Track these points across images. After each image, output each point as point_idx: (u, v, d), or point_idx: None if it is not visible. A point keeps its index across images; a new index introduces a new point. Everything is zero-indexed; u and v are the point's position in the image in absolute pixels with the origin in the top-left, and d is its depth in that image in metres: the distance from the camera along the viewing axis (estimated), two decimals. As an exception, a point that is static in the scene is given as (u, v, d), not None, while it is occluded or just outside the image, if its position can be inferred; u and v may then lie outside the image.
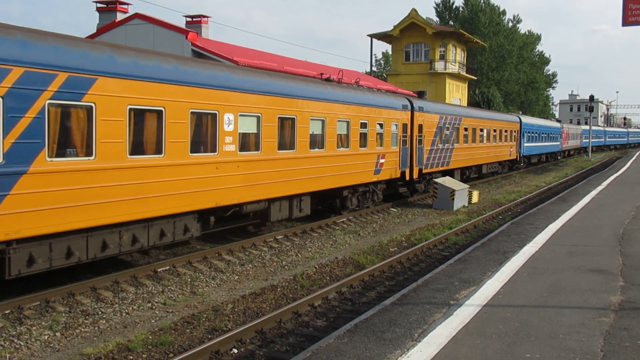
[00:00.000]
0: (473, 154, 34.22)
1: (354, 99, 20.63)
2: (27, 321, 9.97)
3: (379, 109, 22.20)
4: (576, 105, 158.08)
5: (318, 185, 18.34)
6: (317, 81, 20.12)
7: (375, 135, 21.73)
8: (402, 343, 7.61)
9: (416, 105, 25.76)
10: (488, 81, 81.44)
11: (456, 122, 30.89)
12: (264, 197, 15.83)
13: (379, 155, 22.11)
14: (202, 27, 34.07)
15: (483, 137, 36.06)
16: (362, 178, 21.13)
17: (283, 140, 16.57)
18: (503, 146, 40.90)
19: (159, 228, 12.91)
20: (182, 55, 17.00)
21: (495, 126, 38.79)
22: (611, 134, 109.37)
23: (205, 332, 9.97)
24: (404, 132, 24.42)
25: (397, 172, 23.93)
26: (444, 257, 15.74)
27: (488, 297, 9.62)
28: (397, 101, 24.36)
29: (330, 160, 18.89)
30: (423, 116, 26.30)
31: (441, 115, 28.80)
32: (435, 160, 27.96)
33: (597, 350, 7.30)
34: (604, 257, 12.66)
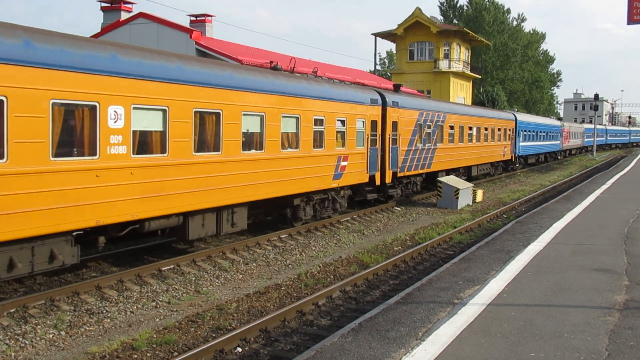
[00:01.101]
0: (460, 154, 31.32)
1: (306, 91, 17.46)
2: (32, 320, 10.00)
3: (340, 104, 19.22)
4: (581, 104, 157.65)
5: (256, 193, 15.30)
6: (255, 69, 16.58)
7: (334, 134, 18.83)
8: (406, 342, 7.61)
9: (389, 100, 22.75)
10: (492, 80, 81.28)
11: (440, 119, 28.01)
12: (176, 210, 12.87)
13: (340, 158, 19.16)
14: (206, 26, 34.14)
15: (472, 136, 33.11)
16: (318, 184, 18.06)
17: (203, 140, 13.54)
18: (495, 146, 37.94)
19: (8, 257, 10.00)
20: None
21: (486, 124, 35.89)
22: (612, 132, 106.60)
23: (210, 330, 9.98)
24: (374, 130, 21.51)
25: (365, 176, 21.04)
26: (448, 256, 15.72)
27: (492, 296, 9.61)
28: (364, 94, 21.24)
29: (271, 164, 15.81)
30: (398, 112, 23.33)
31: (421, 112, 25.71)
32: (413, 162, 25.02)
33: (602, 350, 7.29)
34: (609, 256, 12.63)
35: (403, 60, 59.48)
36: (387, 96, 22.89)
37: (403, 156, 23.89)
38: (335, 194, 19.97)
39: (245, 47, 34.80)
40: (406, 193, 26.24)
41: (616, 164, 53.03)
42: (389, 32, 58.92)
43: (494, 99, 66.63)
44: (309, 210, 18.58)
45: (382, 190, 23.23)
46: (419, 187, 27.21)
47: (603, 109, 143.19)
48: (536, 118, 54.04)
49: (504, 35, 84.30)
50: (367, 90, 22.27)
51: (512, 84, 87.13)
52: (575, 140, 71.52)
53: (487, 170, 37.73)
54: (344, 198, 20.65)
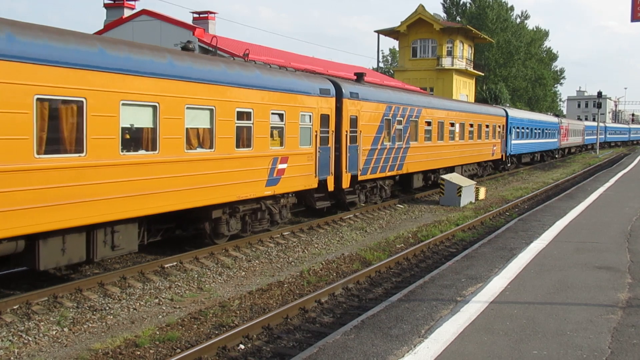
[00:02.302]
0: (440, 154, 28.15)
1: (225, 77, 14.20)
2: (35, 316, 10.02)
3: (277, 94, 16.06)
4: (584, 101, 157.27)
5: (148, 206, 12.14)
6: (143, 46, 12.70)
7: (267, 131, 15.68)
8: (408, 339, 7.61)
9: (346, 91, 19.65)
10: (495, 77, 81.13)
11: (413, 114, 24.93)
12: (14, 233, 9.83)
13: (276, 159, 16.06)
14: (209, 24, 34.11)
15: (454, 133, 30.08)
16: (244, 192, 14.89)
17: (55, 139, 10.38)
18: (483, 144, 34.86)
19: None
20: None
21: (471, 120, 32.74)
22: (612, 130, 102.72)
23: (212, 327, 10.00)
24: (325, 127, 18.51)
25: (313, 180, 17.89)
26: (450, 253, 15.72)
27: (495, 293, 9.61)
28: (312, 83, 17.99)
29: (170, 169, 12.60)
30: (358, 105, 20.35)
31: (389, 105, 22.69)
32: (379, 163, 22.00)
33: (604, 348, 7.28)
34: (612, 254, 12.61)
35: (406, 57, 59.36)
36: (344, 86, 19.73)
37: (365, 157, 20.86)
38: (273, 203, 16.76)
39: (248, 44, 34.78)
40: (373, 200, 22.98)
41: (619, 161, 52.93)
42: (392, 30, 58.80)
43: (497, 97, 66.51)
44: (235, 224, 15.37)
45: (338, 196, 20.23)
46: (388, 192, 24.01)
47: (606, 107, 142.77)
48: (530, 114, 51.21)
49: (507, 32, 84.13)
50: (315, 79, 18.76)
51: (515, 81, 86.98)
52: (574, 138, 68.96)
53: (473, 171, 34.62)
54: (285, 207, 17.40)
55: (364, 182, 21.59)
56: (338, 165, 19.40)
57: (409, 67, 58.40)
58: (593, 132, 77.73)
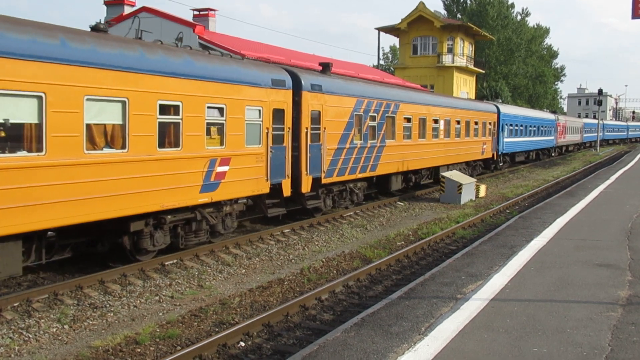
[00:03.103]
0: (421, 153, 25.90)
1: (141, 63, 11.95)
2: (35, 314, 10.03)
3: (214, 84, 13.86)
4: (584, 98, 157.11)
5: (34, 219, 10.06)
6: (29, 23, 10.34)
7: (202, 128, 13.55)
8: (409, 337, 7.61)
9: (306, 82, 17.41)
10: (496, 75, 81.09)
11: (389, 109, 22.67)
12: None
13: (215, 161, 13.89)
14: (209, 21, 34.10)
15: (438, 131, 27.83)
16: (171, 199, 12.75)
17: None
18: (472, 142, 32.69)
19: None
20: None
21: (458, 116, 30.45)
22: (609, 127, 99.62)
23: (213, 325, 10.00)
24: (279, 123, 16.28)
25: (263, 185, 15.69)
26: (451, 251, 15.72)
27: (495, 291, 9.61)
28: (261, 73, 15.69)
29: (65, 173, 10.49)
30: (322, 99, 18.19)
31: (360, 99, 20.56)
32: (348, 163, 19.85)
33: (605, 345, 7.28)
34: (612, 251, 12.61)
35: (406, 54, 59.33)
36: (303, 77, 17.44)
37: (331, 157, 18.73)
38: (214, 212, 14.57)
39: (249, 42, 34.76)
40: (343, 204, 20.78)
41: (620, 159, 52.93)
42: (393, 27, 58.75)
43: (498, 94, 66.46)
44: (162, 237, 13.23)
45: (298, 201, 18.16)
46: (361, 195, 21.85)
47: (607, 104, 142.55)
48: (524, 110, 48.94)
49: (507, 29, 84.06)
50: (266, 68, 16.46)
51: (516, 78, 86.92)
52: (572, 135, 66.92)
53: (461, 171, 31.56)
54: (230, 216, 15.28)
55: (330, 185, 19.33)
56: (297, 167, 17.21)
57: (409, 64, 58.38)
58: (592, 129, 77.34)
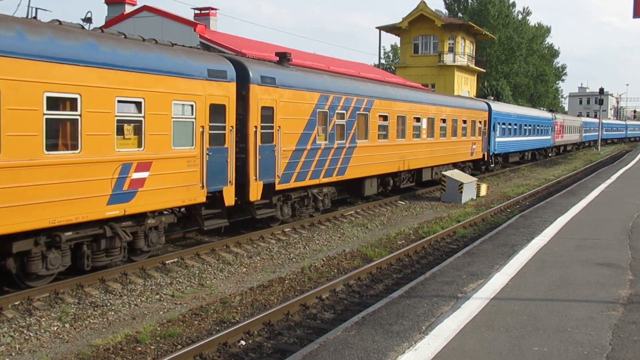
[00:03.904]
0: (400, 154, 23.64)
1: (18, 46, 9.82)
2: (36, 312, 10.04)
3: (128, 74, 11.65)
4: (586, 98, 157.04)
5: None
6: None
7: (110, 126, 11.30)
8: (409, 336, 7.61)
9: (254, 74, 15.20)
10: (497, 74, 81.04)
11: (361, 105, 20.46)
12: None
13: (128, 166, 11.73)
14: (210, 20, 34.11)
15: (420, 130, 25.53)
16: (66, 213, 10.65)
17: None
18: (460, 142, 30.51)
19: None
20: None
21: (444, 114, 28.17)
22: (607, 126, 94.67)
23: (213, 324, 10.01)
24: (219, 121, 14.12)
25: (197, 193, 13.53)
26: (451, 250, 15.71)
27: (496, 290, 9.61)
28: (193, 62, 13.46)
29: None
30: (276, 93, 16.01)
31: (324, 94, 18.25)
32: (310, 166, 17.67)
33: (605, 344, 7.28)
34: (613, 250, 12.60)
35: (407, 53, 59.32)
36: (251, 68, 15.26)
37: (288, 159, 16.52)
38: (134, 226, 12.49)
39: (249, 41, 34.75)
40: (305, 212, 18.48)
41: (621, 158, 52.90)
42: (394, 26, 58.73)
43: (499, 93, 66.41)
44: (58, 258, 11.01)
45: (248, 211, 15.96)
46: (327, 202, 19.47)
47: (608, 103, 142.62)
48: (518, 109, 46.57)
49: (508, 29, 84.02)
50: (200, 56, 14.06)
51: (517, 77, 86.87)
52: (571, 135, 64.65)
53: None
54: (156, 230, 13.13)
55: (288, 191, 17.19)
56: (243, 172, 15.06)
57: (410, 63, 58.37)
58: (591, 128, 76.93)
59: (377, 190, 22.83)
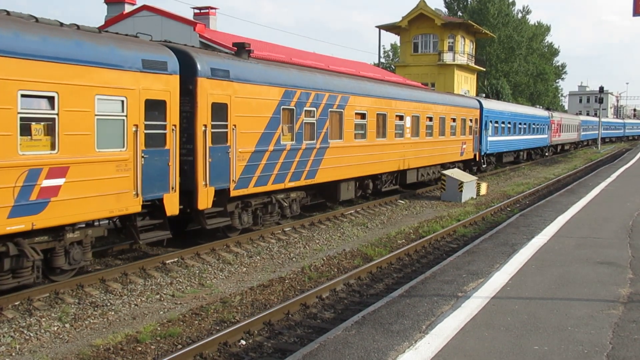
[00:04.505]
0: (380, 155, 21.87)
1: None
2: (36, 312, 10.04)
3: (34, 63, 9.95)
4: (585, 96, 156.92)
5: None
6: None
7: (11, 125, 9.64)
8: (409, 335, 7.61)
9: (202, 66, 13.59)
10: (497, 72, 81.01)
11: (334, 102, 18.71)
12: None
13: (37, 172, 10.05)
14: (210, 19, 34.13)
15: (403, 129, 23.86)
16: None
17: None
18: (448, 142, 28.91)
19: None
20: None
21: (430, 112, 26.51)
22: (605, 125, 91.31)
23: (214, 323, 10.01)
24: (158, 119, 12.48)
25: (132, 202, 11.86)
26: (452, 249, 15.71)
27: (496, 289, 9.60)
28: (121, 50, 11.66)
29: None
30: (230, 89, 14.31)
31: (290, 90, 16.60)
32: (273, 170, 15.92)
33: (606, 343, 7.27)
34: (613, 249, 12.59)
35: (407, 52, 59.33)
36: (199, 59, 13.65)
37: (245, 162, 14.86)
38: (50, 241, 10.85)
39: (250, 40, 34.73)
40: (269, 220, 16.70)
41: (621, 157, 52.89)
42: (393, 25, 58.75)
43: (499, 92, 66.40)
44: None
45: (197, 220, 14.34)
46: (295, 208, 17.70)
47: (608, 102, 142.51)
48: (512, 106, 44.74)
49: (508, 27, 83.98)
50: (132, 44, 12.16)
51: (517, 76, 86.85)
52: (568, 134, 62.89)
53: (436, 174, 28.22)
54: (80, 245, 11.48)
55: (247, 197, 15.48)
56: (190, 177, 13.46)
57: (410, 62, 58.39)
58: (589, 127, 76.60)
59: (356, 194, 21.33)
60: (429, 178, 27.63)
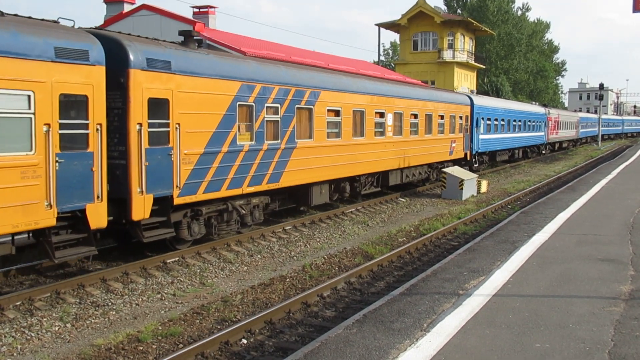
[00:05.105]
0: (357, 156, 20.09)
1: None
2: (37, 312, 10.04)
3: None
4: (585, 93, 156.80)
5: None
6: None
7: None
8: (411, 333, 7.60)
9: (135, 55, 11.79)
10: (497, 70, 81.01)
11: (302, 98, 17.02)
12: None
13: None
14: (209, 18, 34.08)
15: (384, 127, 22.08)
16: None
17: None
18: (435, 140, 27.09)
19: None
20: None
21: (414, 108, 24.68)
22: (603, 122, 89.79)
23: (215, 322, 10.01)
24: (77, 117, 10.79)
25: (43, 214, 10.16)
26: (452, 247, 15.71)
27: (497, 286, 9.60)
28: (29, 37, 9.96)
29: None
30: (171, 82, 12.59)
31: (247, 84, 14.80)
32: (228, 173, 14.26)
33: (607, 340, 7.27)
34: (614, 246, 12.59)
35: (407, 50, 59.27)
36: (131, 47, 11.83)
37: (192, 165, 13.18)
38: None
39: (249, 39, 34.72)
40: (225, 229, 14.95)
41: (621, 153, 52.86)
42: (393, 23, 58.70)
43: (499, 89, 66.39)
44: None
45: (133, 232, 12.58)
46: (258, 215, 16.01)
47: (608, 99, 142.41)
48: (506, 103, 43.22)
49: (508, 25, 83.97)
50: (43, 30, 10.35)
51: (517, 73, 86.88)
52: (566, 131, 61.11)
53: (422, 175, 26.81)
54: None
55: (197, 205, 13.81)
56: (123, 183, 11.75)
57: (410, 60, 58.34)
58: (588, 124, 76.23)
59: (332, 197, 19.82)
60: (415, 179, 26.25)
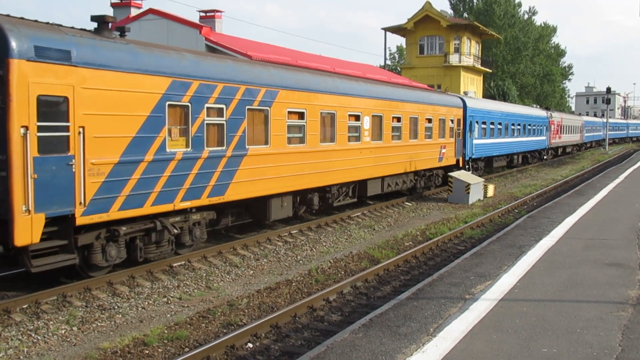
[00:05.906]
0: (327, 164, 17.93)
1: None
2: (44, 316, 10.06)
3: None
4: (592, 97, 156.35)
5: None
6: None
7: None
8: (417, 338, 7.58)
9: (19, 42, 9.68)
10: (503, 74, 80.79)
11: (254, 98, 14.81)
12: None
13: None
14: (215, 22, 34.17)
15: (360, 131, 19.84)
16: None
17: None
18: (422, 146, 24.76)
19: None
20: None
21: (397, 111, 22.35)
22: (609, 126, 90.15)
23: (221, 326, 10.00)
24: None
25: None
26: (459, 251, 15.67)
27: (504, 291, 9.56)
28: None
29: None
30: (72, 76, 10.45)
31: (180, 80, 12.68)
32: (153, 186, 12.10)
33: (615, 345, 7.23)
34: (622, 250, 12.53)
35: (413, 54, 59.25)
36: (12, 32, 9.70)
37: (104, 177, 11.05)
38: None
39: (255, 43, 34.78)
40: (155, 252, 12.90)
41: (629, 157, 52.67)
42: (399, 27, 58.69)
43: (505, 93, 66.22)
44: None
45: (20, 261, 10.33)
46: (198, 233, 14.00)
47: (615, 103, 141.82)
48: (503, 105, 40.82)
49: (514, 28, 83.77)
50: None
51: (523, 77, 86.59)
52: (570, 135, 58.70)
53: (407, 183, 24.61)
54: None
55: (114, 224, 11.71)
56: (5, 200, 9.67)
57: (416, 64, 58.31)
58: (593, 127, 75.58)
59: (298, 210, 17.97)
60: (399, 188, 23.90)
